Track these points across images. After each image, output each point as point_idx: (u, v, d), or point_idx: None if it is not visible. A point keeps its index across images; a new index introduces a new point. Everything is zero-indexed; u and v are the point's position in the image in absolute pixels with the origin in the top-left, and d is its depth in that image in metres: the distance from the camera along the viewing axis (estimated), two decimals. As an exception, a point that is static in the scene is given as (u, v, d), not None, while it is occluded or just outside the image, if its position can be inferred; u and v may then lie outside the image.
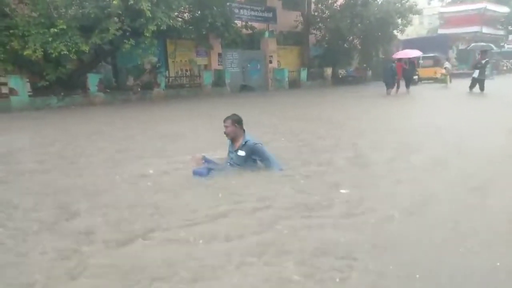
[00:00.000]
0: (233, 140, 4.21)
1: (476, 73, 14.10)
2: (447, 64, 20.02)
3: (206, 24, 15.99)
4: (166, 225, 2.84)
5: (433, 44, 25.30)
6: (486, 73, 14.44)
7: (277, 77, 21.22)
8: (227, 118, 4.13)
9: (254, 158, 4.17)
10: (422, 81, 22.00)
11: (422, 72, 22.01)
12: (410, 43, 24.88)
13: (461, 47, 29.62)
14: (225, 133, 4.16)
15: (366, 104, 12.51)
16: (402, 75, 15.89)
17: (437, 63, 22.50)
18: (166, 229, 2.76)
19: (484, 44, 23.04)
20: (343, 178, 3.93)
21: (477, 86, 13.97)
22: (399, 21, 23.06)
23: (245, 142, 4.09)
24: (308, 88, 21.17)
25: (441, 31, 32.90)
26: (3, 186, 4.05)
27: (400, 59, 16.80)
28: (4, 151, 5.83)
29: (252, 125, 5.56)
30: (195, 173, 4.06)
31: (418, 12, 23.57)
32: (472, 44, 25.46)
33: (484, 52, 15.15)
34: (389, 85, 15.05)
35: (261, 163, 4.19)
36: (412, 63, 17.25)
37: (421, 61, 22.88)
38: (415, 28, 31.80)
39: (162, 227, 2.80)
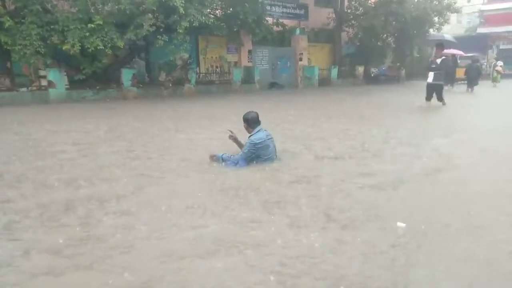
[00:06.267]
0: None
1: (430, 77, 10.48)
2: (500, 63, 20.17)
3: (238, 21, 16.05)
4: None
5: (471, 43, 24.24)
6: (443, 76, 10.78)
7: (307, 74, 20.96)
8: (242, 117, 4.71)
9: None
10: (458, 82, 21.16)
11: (458, 72, 21.23)
12: (446, 42, 23.95)
13: (502, 46, 28.30)
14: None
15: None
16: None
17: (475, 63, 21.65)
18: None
19: (439, 35, 18.57)
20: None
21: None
22: (436, 19, 22.26)
23: (249, 137, 4.57)
24: (339, 87, 20.71)
25: (480, 30, 31.41)
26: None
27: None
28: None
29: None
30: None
31: (457, 10, 22.46)
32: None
33: (439, 47, 10.81)
34: (473, 84, 16.60)
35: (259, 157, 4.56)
36: (455, 61, 17.06)
37: (459, 61, 22.02)
38: (452, 28, 30.38)
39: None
